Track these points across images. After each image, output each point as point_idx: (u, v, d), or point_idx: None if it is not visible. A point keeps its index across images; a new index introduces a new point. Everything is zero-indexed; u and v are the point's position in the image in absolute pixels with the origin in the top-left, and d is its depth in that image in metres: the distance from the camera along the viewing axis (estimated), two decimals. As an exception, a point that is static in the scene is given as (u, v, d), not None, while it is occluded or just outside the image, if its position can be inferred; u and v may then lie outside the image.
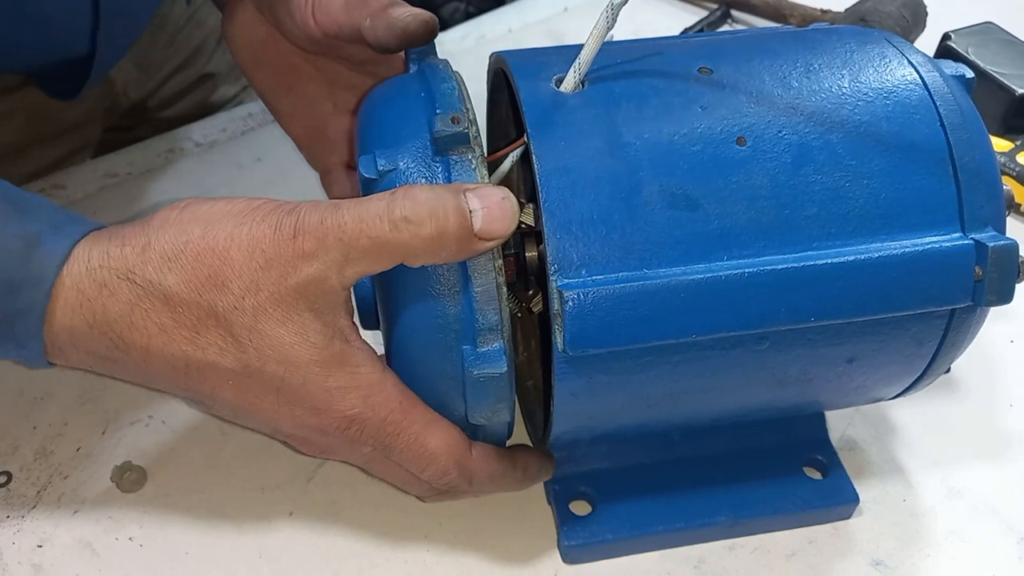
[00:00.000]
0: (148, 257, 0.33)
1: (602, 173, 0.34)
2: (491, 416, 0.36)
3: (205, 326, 0.33)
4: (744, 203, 0.35)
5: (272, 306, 0.33)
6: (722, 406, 0.40)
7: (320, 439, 0.36)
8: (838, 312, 0.35)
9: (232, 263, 0.33)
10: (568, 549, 0.42)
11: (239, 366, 0.33)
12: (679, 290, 0.34)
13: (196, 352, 0.33)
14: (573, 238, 0.34)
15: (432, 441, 0.36)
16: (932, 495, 0.45)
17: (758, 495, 0.43)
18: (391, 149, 0.35)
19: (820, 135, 0.36)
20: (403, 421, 0.35)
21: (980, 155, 0.36)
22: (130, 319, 0.33)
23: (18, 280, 0.33)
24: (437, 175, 0.34)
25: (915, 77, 0.37)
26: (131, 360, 0.34)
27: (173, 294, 0.33)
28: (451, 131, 0.34)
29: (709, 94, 0.36)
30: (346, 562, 0.43)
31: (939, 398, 0.49)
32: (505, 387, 0.35)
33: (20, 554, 0.43)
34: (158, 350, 0.34)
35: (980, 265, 0.35)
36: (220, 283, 0.33)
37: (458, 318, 0.34)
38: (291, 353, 0.33)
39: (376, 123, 0.37)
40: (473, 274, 0.34)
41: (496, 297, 0.34)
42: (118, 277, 0.33)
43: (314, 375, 0.34)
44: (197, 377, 0.34)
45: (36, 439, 0.48)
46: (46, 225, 0.34)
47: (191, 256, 0.33)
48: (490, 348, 0.34)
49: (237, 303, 0.33)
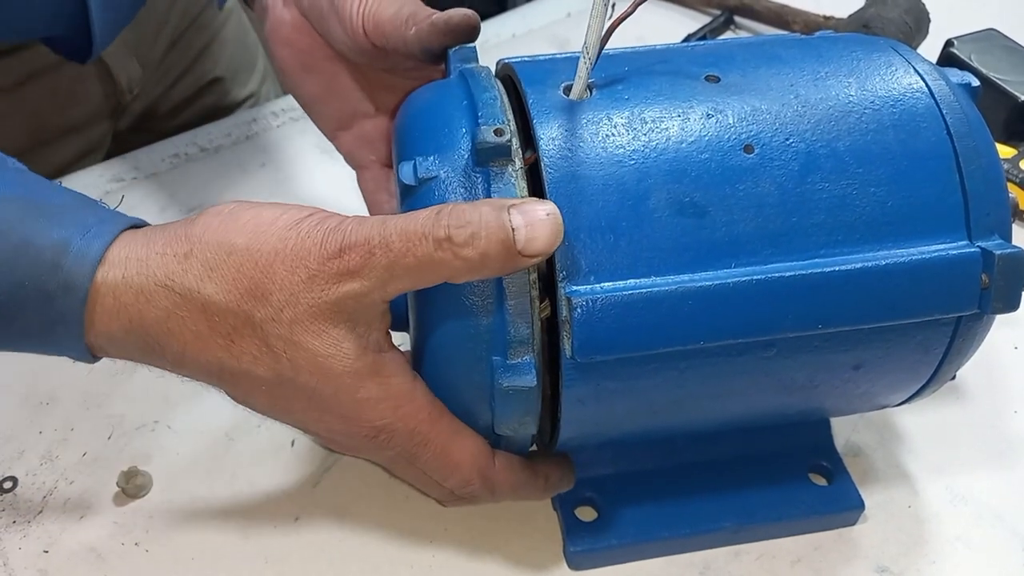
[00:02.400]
0: (189, 265, 0.33)
1: (610, 181, 0.35)
2: (517, 428, 0.36)
3: (241, 335, 0.33)
4: (751, 211, 0.35)
5: (309, 319, 0.33)
6: (728, 412, 0.40)
7: (348, 442, 0.37)
8: (845, 319, 0.35)
9: (274, 277, 0.33)
10: (574, 555, 0.42)
11: (272, 375, 0.34)
12: (687, 297, 0.34)
13: (230, 360, 0.34)
14: (581, 245, 0.34)
15: (457, 452, 0.37)
16: (937, 501, 0.45)
17: (763, 501, 0.44)
18: (432, 157, 0.35)
19: (827, 143, 0.36)
20: (430, 432, 0.36)
21: (986, 163, 0.36)
22: (167, 325, 0.33)
23: (52, 288, 0.33)
24: (477, 186, 0.35)
25: (921, 85, 0.37)
26: (167, 362, 0.35)
27: (211, 303, 0.33)
28: (494, 143, 0.34)
29: (716, 102, 0.36)
30: (352, 567, 0.43)
31: (944, 404, 0.49)
32: (533, 401, 0.35)
33: (26, 559, 0.43)
34: (193, 356, 0.34)
35: (987, 273, 0.35)
36: (260, 295, 0.33)
37: (490, 329, 0.34)
38: (324, 364, 0.33)
39: (417, 129, 0.37)
40: (508, 287, 0.34)
41: (529, 311, 0.34)
42: (155, 284, 0.33)
43: (346, 386, 0.34)
44: (231, 382, 0.35)
45: (42, 444, 0.48)
46: (75, 229, 0.34)
47: (233, 267, 0.33)
48: (520, 361, 0.34)
49: (275, 315, 0.33)
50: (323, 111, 0.48)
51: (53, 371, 0.50)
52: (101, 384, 0.50)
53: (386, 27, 0.41)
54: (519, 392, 0.34)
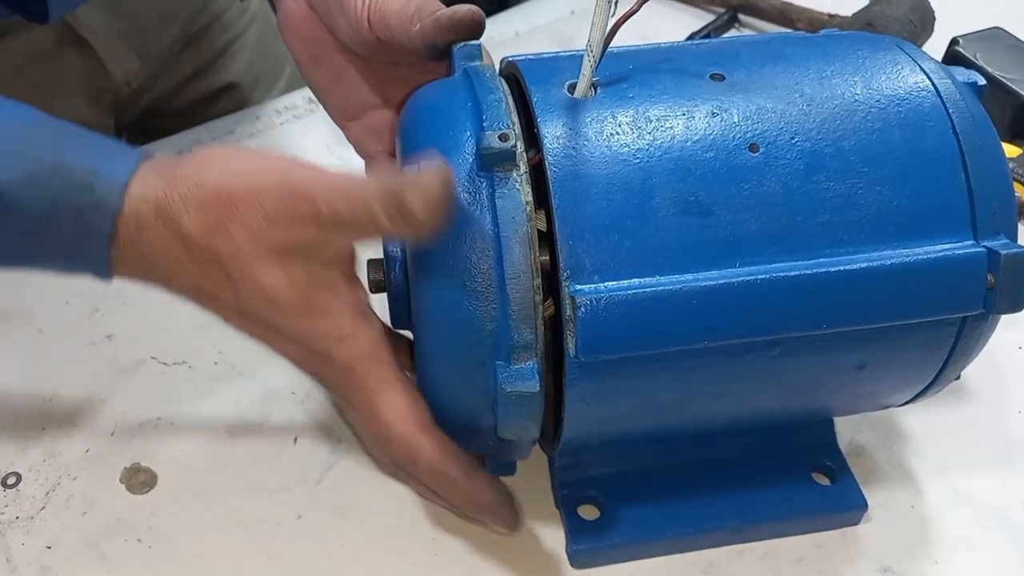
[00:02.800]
0: (174, 197, 0.36)
1: (614, 179, 0.35)
2: (520, 433, 0.36)
3: (209, 265, 0.36)
4: (756, 210, 0.35)
5: (267, 255, 0.36)
6: (732, 412, 0.40)
7: (303, 367, 0.39)
8: (850, 319, 0.35)
9: (237, 216, 0.36)
10: (576, 554, 0.42)
11: (235, 302, 0.37)
12: (691, 297, 0.34)
13: (206, 285, 0.37)
14: (586, 244, 0.34)
15: (386, 408, 0.37)
16: (940, 501, 0.45)
17: (766, 500, 0.44)
18: None
19: (832, 142, 0.36)
20: (365, 377, 0.37)
21: (992, 162, 0.36)
22: (158, 248, 0.37)
23: (85, 207, 0.36)
24: (481, 191, 0.34)
25: (927, 84, 0.37)
26: (160, 284, 0.39)
27: (187, 234, 0.36)
28: (499, 148, 0.34)
29: (721, 100, 0.36)
30: (354, 565, 0.43)
31: (947, 404, 0.49)
32: (536, 405, 0.35)
33: (29, 555, 0.43)
34: (178, 280, 0.38)
35: (992, 273, 0.35)
36: (224, 231, 0.36)
37: (493, 334, 0.34)
38: (274, 297, 0.36)
39: (422, 130, 0.37)
40: (511, 292, 0.34)
41: (533, 315, 0.34)
42: (153, 211, 0.37)
43: (292, 317, 0.37)
44: (210, 305, 0.38)
45: (45, 440, 0.48)
46: (102, 155, 0.37)
47: (205, 203, 0.36)
48: (523, 366, 0.34)
49: (236, 250, 0.36)
50: (332, 101, 0.49)
51: (57, 367, 0.51)
52: (104, 381, 0.50)
53: (391, 21, 0.42)
54: (522, 397, 0.34)
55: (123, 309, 0.53)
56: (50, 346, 0.52)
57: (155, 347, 0.52)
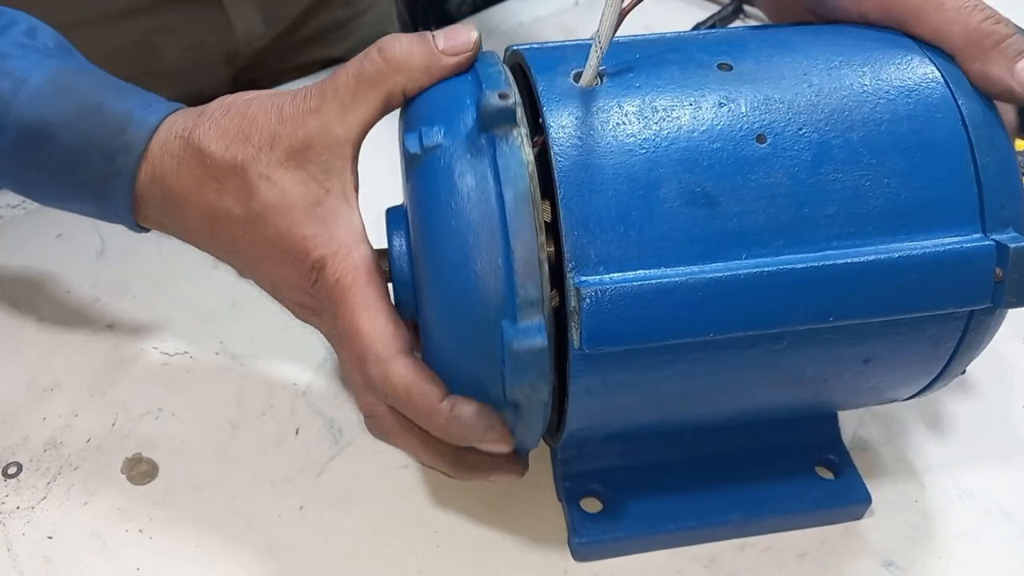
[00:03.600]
0: (200, 121, 0.39)
1: (620, 170, 0.34)
2: (529, 393, 0.35)
3: (227, 176, 0.38)
4: (763, 201, 0.34)
5: (285, 156, 0.38)
6: (736, 405, 0.40)
7: (291, 294, 0.40)
8: (856, 312, 0.35)
9: (255, 121, 0.38)
10: (578, 546, 0.42)
11: (244, 212, 0.38)
12: (697, 289, 0.33)
13: (218, 201, 0.39)
14: (591, 235, 0.34)
15: (366, 323, 0.37)
16: (944, 496, 0.45)
17: (770, 494, 0.43)
18: (436, 127, 0.35)
19: (840, 133, 0.35)
20: (352, 290, 0.37)
21: (1002, 155, 0.36)
22: (176, 171, 0.39)
23: (114, 148, 0.39)
24: (482, 151, 0.34)
25: (937, 75, 0.37)
26: (177, 211, 0.40)
27: (207, 148, 0.38)
28: (499, 106, 0.34)
29: (729, 90, 0.36)
30: (356, 556, 0.43)
31: (951, 399, 0.49)
32: (544, 362, 0.34)
33: (30, 545, 0.43)
34: (193, 200, 0.39)
35: (1000, 266, 0.35)
36: (244, 137, 0.38)
37: (499, 292, 0.33)
38: (287, 197, 0.38)
39: (423, 104, 0.38)
40: (515, 247, 0.33)
41: (538, 272, 0.34)
42: (175, 136, 0.39)
43: (299, 221, 0.38)
44: (220, 228, 0.39)
45: (46, 430, 0.47)
46: (139, 102, 0.40)
47: (225, 117, 0.39)
48: (530, 323, 0.33)
49: (256, 154, 0.38)
50: None
51: (58, 357, 0.50)
52: (105, 371, 0.50)
53: None
54: (530, 353, 0.33)
55: (124, 299, 0.53)
56: (51, 335, 0.52)
57: (157, 337, 0.51)
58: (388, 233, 0.39)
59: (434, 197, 0.34)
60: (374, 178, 0.59)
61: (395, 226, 0.39)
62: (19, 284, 0.54)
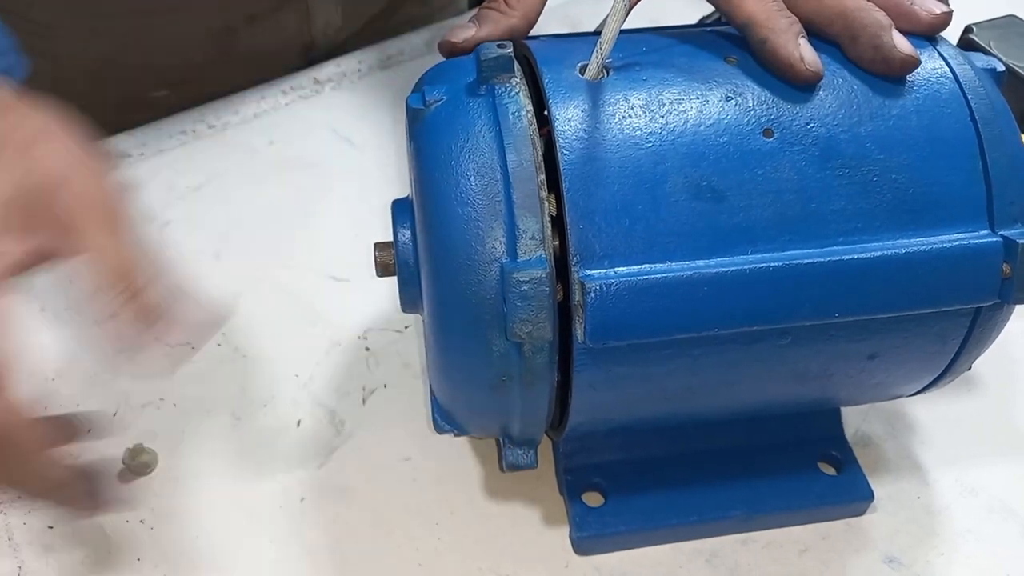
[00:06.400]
0: None
1: (626, 163, 0.34)
2: (532, 331, 0.34)
3: None
4: (770, 196, 0.34)
5: None
6: (740, 400, 0.40)
7: None
8: (863, 308, 0.35)
9: None
10: (580, 540, 0.42)
11: None
12: (702, 283, 0.33)
13: None
14: (596, 229, 0.33)
15: None
16: (947, 493, 0.45)
17: (772, 490, 0.43)
18: (439, 86, 0.36)
19: (848, 128, 0.35)
20: None
21: (1011, 150, 0.36)
22: None
23: None
24: (482, 98, 0.35)
25: (946, 70, 0.37)
26: None
27: None
28: (497, 54, 0.35)
29: (736, 84, 0.36)
30: (357, 548, 0.43)
31: (955, 395, 0.49)
32: (547, 294, 0.33)
33: (31, 534, 0.43)
34: None
35: (1008, 262, 0.34)
36: None
37: (500, 228, 0.33)
38: None
39: (427, 74, 0.39)
40: (515, 183, 0.34)
41: (538, 209, 0.34)
42: None
43: None
44: None
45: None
46: None
47: None
48: (532, 257, 0.33)
49: None
50: None
51: (59, 347, 0.50)
52: (106, 362, 0.50)
53: None
54: (532, 283, 0.33)
55: (126, 289, 0.53)
56: (52, 326, 0.51)
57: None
58: (394, 225, 0.39)
59: (435, 144, 0.35)
60: (379, 170, 0.59)
61: (401, 218, 0.39)
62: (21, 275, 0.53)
